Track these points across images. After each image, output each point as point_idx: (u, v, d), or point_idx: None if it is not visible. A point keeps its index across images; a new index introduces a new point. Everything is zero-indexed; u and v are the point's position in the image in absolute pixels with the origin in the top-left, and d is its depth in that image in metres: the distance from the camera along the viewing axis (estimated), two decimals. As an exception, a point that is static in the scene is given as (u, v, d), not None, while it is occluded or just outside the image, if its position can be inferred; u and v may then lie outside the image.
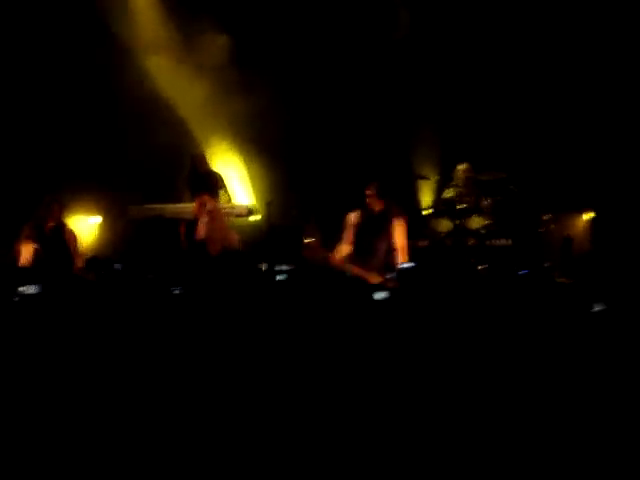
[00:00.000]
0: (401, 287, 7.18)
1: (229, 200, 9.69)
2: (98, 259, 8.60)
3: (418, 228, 9.58)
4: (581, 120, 10.54)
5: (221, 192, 9.68)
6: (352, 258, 7.81)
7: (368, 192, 7.85)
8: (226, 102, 10.64)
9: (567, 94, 10.57)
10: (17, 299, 6.56)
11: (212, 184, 9.68)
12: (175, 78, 10.68)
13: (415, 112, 10.82)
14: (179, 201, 9.39)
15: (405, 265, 7.34)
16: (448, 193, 9.56)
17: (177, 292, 6.73)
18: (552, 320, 6.04)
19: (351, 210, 8.00)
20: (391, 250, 7.80)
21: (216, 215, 8.70)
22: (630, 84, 10.36)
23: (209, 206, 8.69)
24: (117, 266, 7.74)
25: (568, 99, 10.58)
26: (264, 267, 7.57)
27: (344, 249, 7.87)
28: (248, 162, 10.85)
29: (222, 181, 9.78)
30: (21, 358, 5.46)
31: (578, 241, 9.91)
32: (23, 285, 6.60)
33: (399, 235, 7.83)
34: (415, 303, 6.59)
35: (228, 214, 9.41)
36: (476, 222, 9.23)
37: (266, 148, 10.64)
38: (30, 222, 8.26)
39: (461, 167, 9.49)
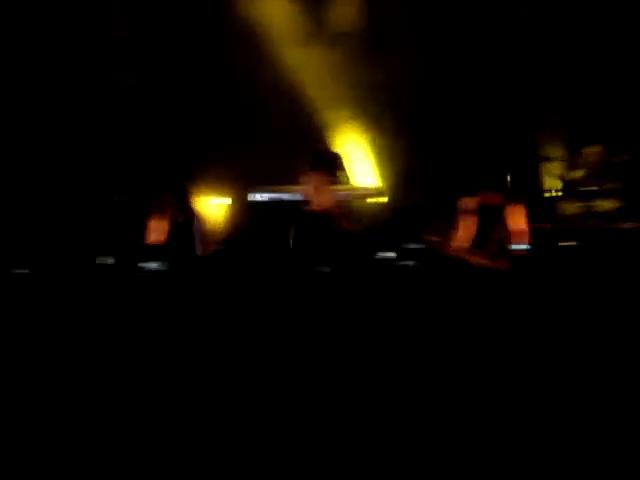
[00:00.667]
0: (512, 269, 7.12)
1: (347, 182, 9.69)
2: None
3: (542, 211, 9.41)
4: None
5: (340, 173, 9.70)
6: (469, 245, 7.74)
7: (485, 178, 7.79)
8: (353, 74, 10.56)
9: None
10: (140, 275, 6.74)
11: (331, 165, 9.69)
12: (299, 53, 10.64)
13: (543, 90, 10.55)
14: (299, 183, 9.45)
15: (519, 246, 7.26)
16: (576, 175, 9.36)
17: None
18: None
19: (467, 194, 7.91)
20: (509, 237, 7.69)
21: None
22: None
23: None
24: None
25: None
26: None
27: (461, 236, 7.82)
28: (375, 141, 10.73)
29: (341, 162, 9.78)
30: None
31: None
32: (148, 261, 6.77)
33: (517, 220, 7.71)
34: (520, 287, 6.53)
35: (357, 196, 9.43)
36: (607, 204, 9.01)
37: (394, 126, 10.51)
38: (160, 203, 8.41)
39: (593, 149, 9.27)
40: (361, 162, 10.65)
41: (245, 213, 9.72)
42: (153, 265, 6.80)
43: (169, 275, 6.87)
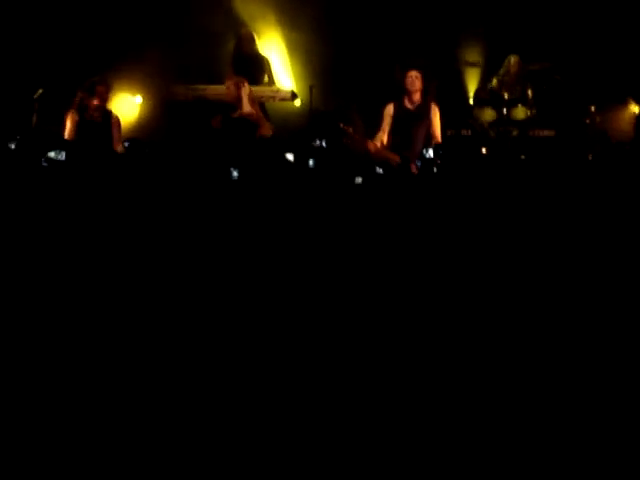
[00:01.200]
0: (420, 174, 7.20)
1: (273, 84, 9.64)
2: (138, 141, 8.60)
3: (462, 116, 9.52)
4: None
5: (265, 76, 9.64)
6: (390, 148, 7.79)
7: (411, 75, 7.76)
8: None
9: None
10: (46, 164, 6.67)
11: (256, 67, 9.62)
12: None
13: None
14: (222, 82, 9.37)
15: (429, 152, 7.32)
16: (494, 82, 9.45)
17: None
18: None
19: (390, 98, 7.94)
20: (430, 139, 7.76)
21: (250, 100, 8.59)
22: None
23: (245, 90, 8.53)
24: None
25: None
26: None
27: (382, 139, 7.84)
28: (291, 44, 10.65)
29: (268, 64, 9.70)
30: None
31: (621, 134, 9.73)
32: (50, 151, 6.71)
33: (437, 124, 7.78)
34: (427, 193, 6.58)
35: (272, 98, 9.39)
36: (521, 112, 9.14)
37: (310, 30, 10.43)
38: (76, 99, 8.29)
39: (511, 58, 9.34)
40: (282, 65, 10.57)
41: (166, 111, 9.60)
42: (52, 154, 6.74)
43: (72, 168, 6.82)
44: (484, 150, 8.96)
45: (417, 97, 7.85)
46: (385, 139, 7.93)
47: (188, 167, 6.99)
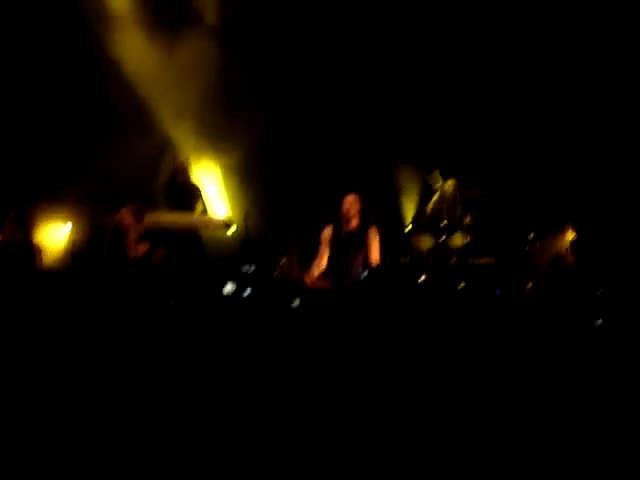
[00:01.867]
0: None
1: (206, 213, 9.49)
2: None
3: (400, 244, 9.38)
4: (566, 139, 10.33)
5: (198, 204, 9.49)
6: (327, 274, 7.57)
7: (347, 202, 7.60)
8: (206, 110, 10.42)
9: (551, 112, 10.35)
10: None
11: (190, 196, 9.49)
12: (153, 84, 10.40)
13: (400, 125, 10.59)
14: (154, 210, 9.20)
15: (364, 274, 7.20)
16: (431, 209, 9.35)
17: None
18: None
19: (327, 224, 7.76)
20: (368, 265, 7.55)
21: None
22: (612, 102, 10.16)
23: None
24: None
25: (552, 118, 10.37)
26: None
27: (319, 265, 7.63)
28: (226, 173, 10.59)
29: (201, 193, 9.58)
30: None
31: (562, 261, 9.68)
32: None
33: (375, 250, 7.59)
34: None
35: (205, 226, 9.22)
36: (459, 239, 9.02)
37: (243, 157, 10.40)
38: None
39: (447, 183, 9.28)
40: (214, 193, 10.46)
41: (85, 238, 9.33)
42: None
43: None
44: (422, 278, 8.81)
45: (355, 223, 7.65)
46: (323, 264, 7.71)
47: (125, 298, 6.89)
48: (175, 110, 10.39)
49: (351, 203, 7.58)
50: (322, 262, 7.65)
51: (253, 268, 7.96)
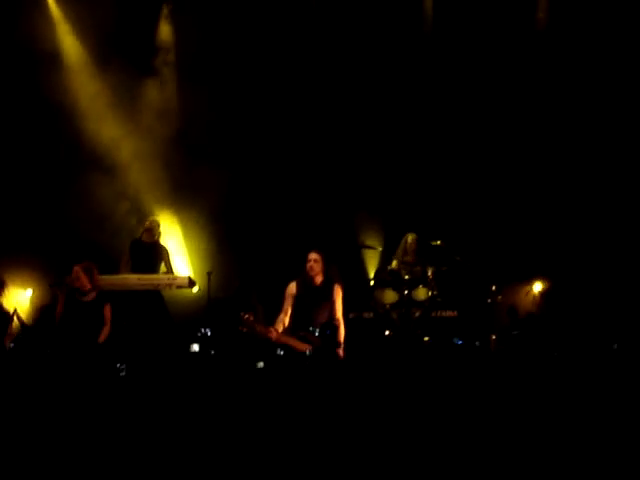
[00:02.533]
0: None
1: (171, 272, 9.43)
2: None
3: (363, 299, 9.38)
4: (527, 190, 10.49)
5: (162, 264, 9.45)
6: (291, 328, 7.54)
7: (311, 258, 7.62)
8: (167, 170, 10.48)
9: (511, 164, 10.53)
10: None
11: (154, 255, 9.44)
12: (116, 143, 10.45)
13: (359, 181, 10.69)
14: (117, 272, 9.18)
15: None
16: (393, 263, 9.37)
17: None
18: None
19: (291, 279, 7.76)
20: (332, 319, 7.55)
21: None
22: (576, 145, 10.38)
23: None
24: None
25: (513, 170, 10.53)
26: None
27: (283, 320, 7.61)
28: (187, 230, 10.59)
29: (167, 253, 9.54)
30: None
31: (525, 311, 9.77)
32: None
33: (340, 305, 7.61)
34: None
35: (168, 285, 9.15)
36: (422, 293, 9.02)
37: (206, 218, 10.42)
38: None
39: (408, 237, 9.33)
40: (179, 252, 10.44)
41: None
42: None
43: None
44: (387, 332, 8.81)
45: (319, 279, 7.65)
46: (287, 320, 7.67)
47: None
48: (137, 159, 10.46)
49: (315, 260, 7.58)
50: (286, 317, 7.64)
51: (209, 332, 8.04)
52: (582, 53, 10.38)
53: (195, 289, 9.35)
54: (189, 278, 9.22)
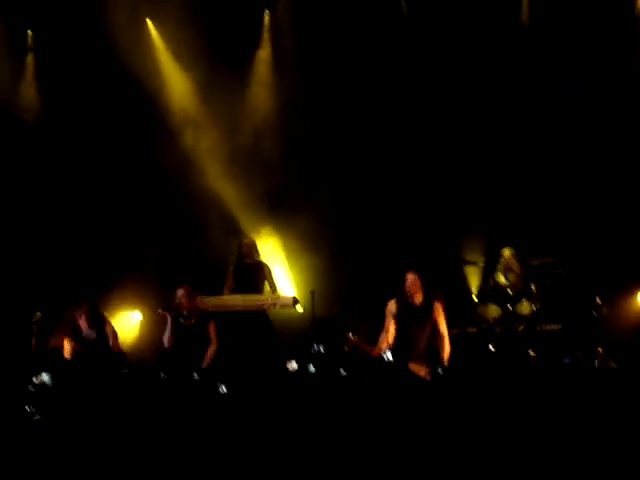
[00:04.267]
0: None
1: (275, 291, 9.57)
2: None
3: (466, 314, 9.38)
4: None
5: (265, 283, 9.59)
6: (394, 347, 7.60)
7: (408, 279, 7.69)
8: (267, 188, 10.69)
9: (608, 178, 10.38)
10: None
11: (257, 275, 9.57)
12: (222, 175, 10.74)
13: (461, 196, 10.68)
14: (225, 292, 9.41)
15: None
16: (496, 278, 9.35)
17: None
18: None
19: (391, 297, 7.84)
20: (435, 337, 7.60)
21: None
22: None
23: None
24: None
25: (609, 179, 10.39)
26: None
27: (386, 339, 7.69)
28: (290, 250, 10.74)
29: (269, 272, 9.67)
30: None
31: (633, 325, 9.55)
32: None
33: (442, 322, 7.66)
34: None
35: (273, 305, 9.28)
36: (525, 307, 8.98)
37: (308, 236, 10.53)
38: (65, 320, 8.25)
39: (507, 252, 9.29)
40: (280, 271, 10.60)
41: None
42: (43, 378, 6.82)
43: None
44: (492, 347, 8.78)
45: (419, 298, 7.72)
46: (390, 339, 7.74)
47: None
48: (239, 184, 10.71)
49: (412, 281, 7.66)
50: (389, 336, 7.70)
51: (321, 348, 8.10)
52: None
53: (299, 308, 9.46)
54: (293, 297, 9.36)
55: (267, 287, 9.62)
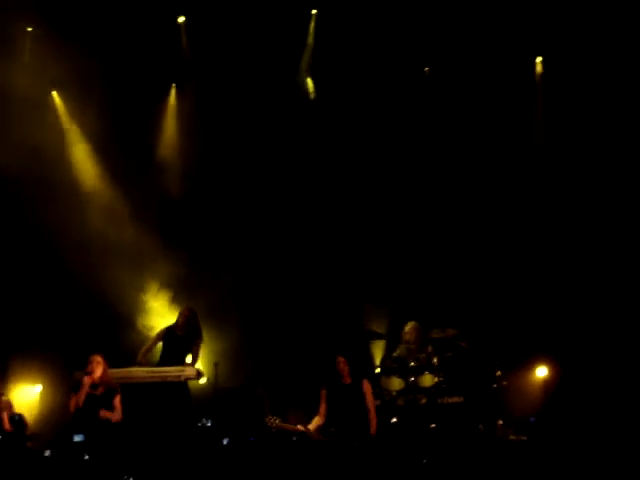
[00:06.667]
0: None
1: (194, 363, 9.45)
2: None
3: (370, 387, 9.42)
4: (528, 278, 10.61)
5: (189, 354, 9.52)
6: (325, 425, 7.99)
7: (340, 362, 8.18)
8: (166, 262, 10.73)
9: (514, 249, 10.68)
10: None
11: (184, 348, 9.47)
12: (120, 236, 10.70)
13: (365, 269, 10.84)
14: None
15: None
16: (399, 351, 9.46)
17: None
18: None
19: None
20: (362, 412, 8.02)
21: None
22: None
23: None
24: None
25: (516, 254, 10.68)
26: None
27: (317, 420, 8.05)
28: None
29: (196, 345, 9.54)
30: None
31: (532, 397, 9.76)
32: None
33: (371, 398, 8.17)
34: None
35: (177, 377, 9.20)
36: (428, 380, 9.08)
37: (213, 310, 10.52)
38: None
39: (408, 325, 9.44)
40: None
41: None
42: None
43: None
44: (394, 419, 8.84)
45: (349, 379, 8.18)
46: (322, 419, 8.09)
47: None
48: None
49: (344, 362, 8.19)
50: (319, 416, 8.08)
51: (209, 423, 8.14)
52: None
53: (203, 380, 9.41)
54: (198, 370, 9.29)
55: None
